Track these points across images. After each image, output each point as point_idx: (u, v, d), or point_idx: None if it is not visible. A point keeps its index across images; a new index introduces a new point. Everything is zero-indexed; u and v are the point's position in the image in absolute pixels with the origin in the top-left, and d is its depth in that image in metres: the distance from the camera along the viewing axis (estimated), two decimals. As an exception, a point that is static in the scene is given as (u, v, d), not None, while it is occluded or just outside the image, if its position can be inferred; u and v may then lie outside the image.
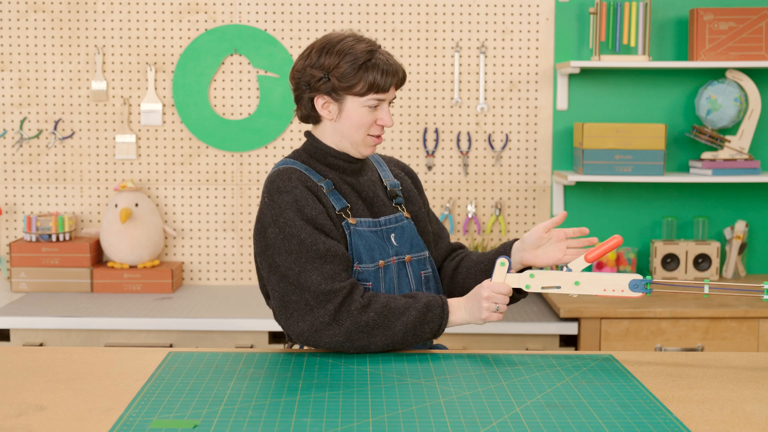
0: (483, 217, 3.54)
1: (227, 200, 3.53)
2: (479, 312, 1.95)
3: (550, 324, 2.97)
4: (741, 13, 3.32)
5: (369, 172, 2.13)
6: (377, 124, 2.02)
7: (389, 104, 2.04)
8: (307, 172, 2.03)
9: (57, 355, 1.94)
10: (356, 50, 1.97)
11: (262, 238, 1.98)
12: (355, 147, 2.04)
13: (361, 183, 2.08)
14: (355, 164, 2.08)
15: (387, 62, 1.99)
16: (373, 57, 1.98)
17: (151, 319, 3.01)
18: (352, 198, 2.06)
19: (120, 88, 3.50)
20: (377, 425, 1.51)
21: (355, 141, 2.03)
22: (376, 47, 2.01)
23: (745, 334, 2.97)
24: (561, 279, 1.93)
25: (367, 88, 1.97)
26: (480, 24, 3.48)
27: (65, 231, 3.41)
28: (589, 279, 1.92)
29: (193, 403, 1.62)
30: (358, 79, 1.97)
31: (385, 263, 2.04)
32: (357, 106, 2.00)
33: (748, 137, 3.38)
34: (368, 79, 1.97)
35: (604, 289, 1.90)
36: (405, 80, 2.05)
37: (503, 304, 1.94)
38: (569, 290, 1.93)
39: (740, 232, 3.45)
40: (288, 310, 1.94)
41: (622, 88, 3.51)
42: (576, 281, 1.92)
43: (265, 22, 3.47)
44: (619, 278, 1.90)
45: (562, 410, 1.59)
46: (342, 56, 1.97)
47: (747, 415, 1.58)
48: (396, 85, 2.03)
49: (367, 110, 2.00)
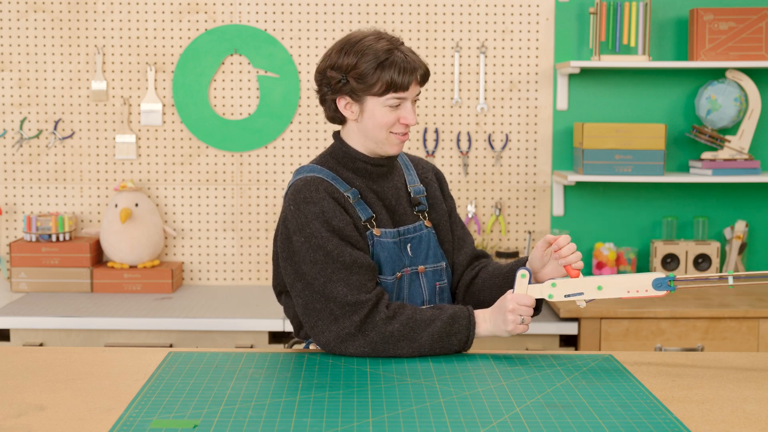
0: (483, 217, 3.54)
1: (227, 200, 3.53)
2: (504, 324, 1.93)
3: (550, 324, 2.97)
4: (741, 13, 3.32)
5: (395, 177, 2.09)
6: (400, 122, 1.99)
7: (414, 102, 2.01)
8: (334, 181, 2.00)
9: (57, 355, 1.94)
10: (374, 49, 1.94)
11: (288, 244, 1.96)
12: (380, 146, 2.01)
13: (385, 190, 2.06)
14: (383, 168, 2.05)
15: (405, 60, 1.95)
16: (391, 55, 1.94)
17: (151, 319, 3.01)
18: (377, 207, 2.04)
19: (120, 88, 3.50)
20: (377, 425, 1.51)
21: (379, 140, 2.00)
22: (397, 44, 1.97)
23: (745, 334, 2.97)
24: (583, 285, 1.91)
25: (386, 87, 1.94)
26: (480, 24, 3.48)
27: (65, 231, 3.41)
28: (612, 282, 1.89)
29: (193, 403, 1.62)
30: (376, 79, 1.94)
31: (400, 274, 2.04)
32: (378, 105, 1.97)
33: (748, 137, 3.38)
34: (386, 79, 1.93)
35: (628, 290, 1.88)
36: (428, 76, 2.02)
37: (528, 316, 1.93)
38: (593, 295, 1.90)
39: (740, 232, 3.45)
40: (312, 319, 1.94)
41: (622, 88, 3.51)
42: (599, 286, 1.89)
43: (265, 22, 3.47)
44: (642, 278, 1.88)
45: (562, 410, 1.59)
46: (360, 56, 1.94)
47: (747, 415, 1.58)
48: (419, 82, 1.99)
49: (389, 109, 1.97)
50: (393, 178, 2.09)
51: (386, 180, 2.07)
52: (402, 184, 2.10)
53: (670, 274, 1.89)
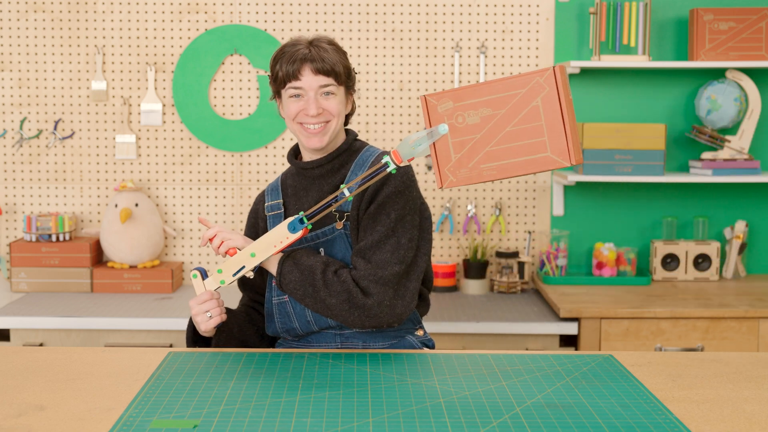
0: (483, 217, 3.54)
1: (227, 200, 3.53)
2: (198, 326, 2.06)
3: (550, 324, 2.97)
4: (741, 13, 3.32)
5: (334, 180, 2.10)
6: (303, 113, 2.05)
7: (321, 94, 2.04)
8: (271, 191, 2.19)
9: (57, 355, 1.94)
10: (282, 47, 2.07)
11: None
12: (301, 140, 2.10)
13: (309, 195, 2.11)
14: (312, 170, 2.11)
15: (297, 52, 2.03)
16: (286, 50, 2.05)
17: (151, 319, 3.01)
18: (292, 213, 2.13)
19: (120, 88, 3.50)
20: (377, 425, 1.51)
21: (295, 133, 2.10)
22: (302, 42, 2.05)
23: (745, 334, 2.97)
24: (241, 259, 1.98)
25: (282, 79, 2.04)
26: (480, 24, 3.48)
27: (65, 231, 3.41)
28: (260, 245, 1.96)
29: (193, 403, 1.62)
30: (276, 72, 2.06)
31: None
32: (285, 98, 2.08)
33: (748, 137, 3.38)
34: (283, 70, 2.04)
35: (275, 245, 1.94)
36: (329, 69, 2.03)
37: (214, 308, 2.03)
38: (252, 264, 1.96)
39: (740, 232, 3.45)
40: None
41: (622, 88, 3.51)
42: (252, 253, 1.96)
43: (265, 22, 3.47)
44: (280, 228, 1.94)
45: (562, 410, 1.59)
46: (273, 57, 2.09)
47: (747, 415, 1.58)
48: (318, 72, 2.02)
49: (292, 101, 2.06)
50: (328, 180, 2.11)
51: (319, 181, 2.11)
52: (334, 187, 2.11)
53: (300, 213, 1.97)
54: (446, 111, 1.78)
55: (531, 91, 1.71)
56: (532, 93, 1.71)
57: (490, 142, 1.75)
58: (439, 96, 1.78)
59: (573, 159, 1.69)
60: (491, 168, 1.75)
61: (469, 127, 1.76)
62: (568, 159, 1.69)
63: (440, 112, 1.78)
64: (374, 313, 1.95)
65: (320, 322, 2.07)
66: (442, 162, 1.79)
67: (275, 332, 2.14)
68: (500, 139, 1.74)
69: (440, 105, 1.78)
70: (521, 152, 1.73)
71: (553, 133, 1.70)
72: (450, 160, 1.78)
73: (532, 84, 1.71)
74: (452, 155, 1.78)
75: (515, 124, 1.73)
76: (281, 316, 2.11)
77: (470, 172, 1.77)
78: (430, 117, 1.79)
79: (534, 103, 1.71)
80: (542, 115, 1.71)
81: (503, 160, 1.75)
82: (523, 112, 1.72)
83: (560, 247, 3.41)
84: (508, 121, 1.73)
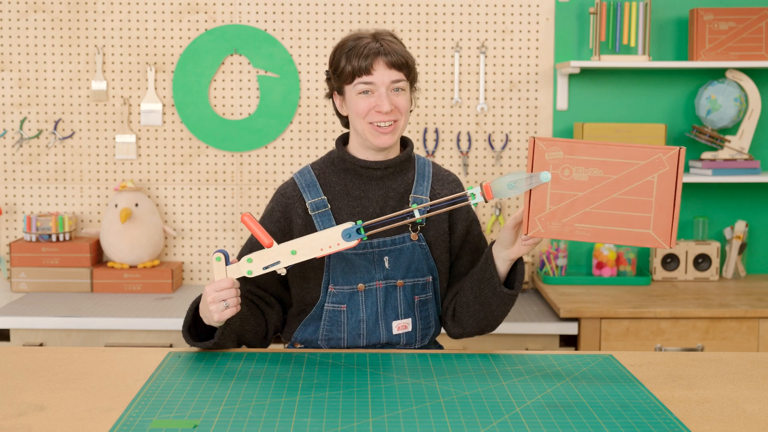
0: (483, 217, 3.54)
1: (227, 200, 3.53)
2: (211, 315, 1.88)
3: (550, 324, 2.97)
4: (741, 13, 3.32)
5: (395, 184, 2.07)
6: (375, 111, 1.99)
7: (391, 90, 1.99)
8: (308, 186, 2.05)
9: (57, 355, 1.94)
10: (344, 43, 2.01)
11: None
12: (367, 138, 2.01)
13: (370, 196, 2.05)
14: (375, 171, 2.05)
15: (368, 45, 1.97)
16: (357, 44, 1.98)
17: (151, 319, 3.01)
18: (347, 216, 2.03)
19: (120, 88, 3.50)
20: (377, 425, 1.51)
21: (362, 131, 2.01)
22: (366, 35, 2.00)
23: (745, 334, 2.97)
24: (278, 254, 1.85)
25: (352, 73, 1.98)
26: (480, 24, 3.48)
27: (65, 231, 3.41)
28: (304, 244, 1.84)
29: (193, 403, 1.62)
30: (343, 67, 1.99)
31: (367, 287, 2.02)
32: (353, 94, 2.00)
33: (748, 137, 3.38)
34: (351, 65, 1.97)
35: (321, 248, 1.83)
36: (402, 62, 1.99)
37: (232, 298, 1.86)
38: (289, 261, 1.84)
39: (740, 232, 3.45)
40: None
41: (622, 88, 3.51)
42: (293, 251, 1.84)
43: (265, 22, 3.47)
44: (332, 232, 1.82)
45: (562, 410, 1.59)
46: (336, 51, 2.02)
47: (747, 415, 1.58)
48: (391, 67, 1.97)
49: (362, 97, 1.99)
50: (389, 184, 2.06)
51: (379, 184, 2.06)
52: (402, 192, 2.07)
53: (358, 222, 1.84)
54: (553, 159, 1.72)
55: (650, 165, 1.67)
56: (651, 167, 1.67)
57: (592, 203, 1.71)
58: (551, 142, 1.72)
59: (672, 243, 1.68)
60: (586, 230, 1.71)
61: (574, 183, 1.71)
62: (668, 242, 1.68)
63: (547, 159, 1.72)
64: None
65: (372, 337, 2.03)
66: (534, 210, 1.74)
67: (305, 338, 2.06)
68: (604, 204, 1.70)
69: (549, 152, 1.72)
70: (622, 222, 1.69)
71: (661, 213, 1.68)
72: (544, 209, 1.73)
73: (653, 158, 1.67)
74: (547, 205, 1.73)
75: (624, 193, 1.69)
76: (329, 324, 2.03)
77: (562, 228, 1.72)
78: (534, 161, 1.73)
79: (650, 178, 1.67)
80: (654, 192, 1.67)
81: (601, 225, 1.71)
82: (636, 183, 1.68)
83: (560, 247, 3.41)
84: (618, 188, 1.69)
